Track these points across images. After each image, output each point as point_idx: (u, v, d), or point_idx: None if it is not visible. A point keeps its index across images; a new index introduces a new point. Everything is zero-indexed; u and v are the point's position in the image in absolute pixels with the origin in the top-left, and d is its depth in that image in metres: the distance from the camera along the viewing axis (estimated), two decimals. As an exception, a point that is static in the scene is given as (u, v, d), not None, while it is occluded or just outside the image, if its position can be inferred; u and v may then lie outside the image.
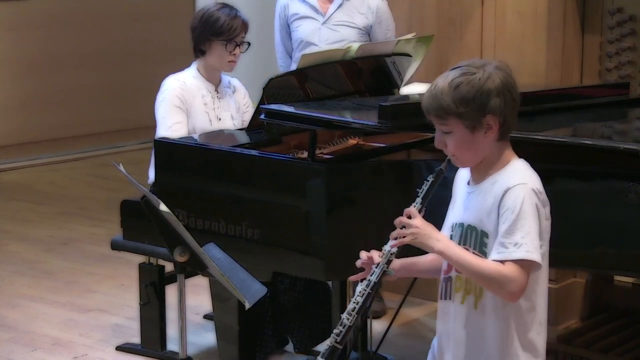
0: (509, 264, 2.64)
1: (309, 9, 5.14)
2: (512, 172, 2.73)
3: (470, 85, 2.65)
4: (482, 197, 2.73)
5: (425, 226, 2.74)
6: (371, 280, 2.81)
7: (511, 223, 2.65)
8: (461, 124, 2.68)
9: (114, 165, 3.54)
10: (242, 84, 4.76)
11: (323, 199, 3.65)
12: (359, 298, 2.80)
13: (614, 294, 4.94)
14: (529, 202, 2.66)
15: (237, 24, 4.48)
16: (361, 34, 5.09)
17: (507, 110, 2.69)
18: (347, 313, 2.80)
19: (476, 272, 2.67)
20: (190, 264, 3.53)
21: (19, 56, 9.21)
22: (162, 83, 4.53)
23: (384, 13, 5.12)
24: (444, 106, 2.67)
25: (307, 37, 5.12)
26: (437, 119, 2.71)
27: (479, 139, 2.70)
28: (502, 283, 2.64)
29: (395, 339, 4.80)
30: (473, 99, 2.65)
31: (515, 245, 2.64)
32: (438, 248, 2.71)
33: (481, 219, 2.73)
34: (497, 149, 2.74)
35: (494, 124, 2.68)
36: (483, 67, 2.69)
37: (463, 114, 2.66)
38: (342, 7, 5.10)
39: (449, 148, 2.73)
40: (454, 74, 2.69)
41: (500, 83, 2.67)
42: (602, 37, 4.90)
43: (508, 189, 2.67)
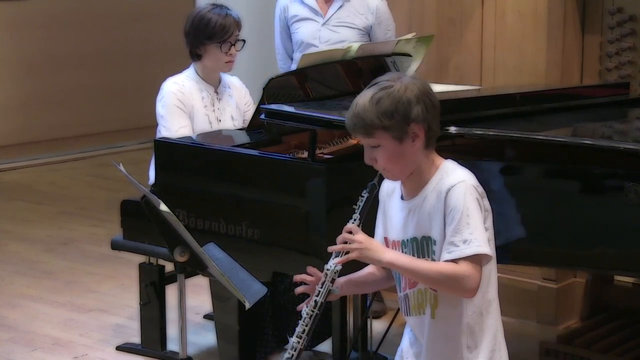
0: (461, 261, 2.67)
1: (309, 11, 5.14)
2: (447, 174, 2.76)
3: (390, 97, 2.71)
4: (426, 205, 2.76)
5: (369, 240, 2.77)
6: (317, 301, 2.85)
7: (457, 221, 2.68)
8: (388, 136, 2.72)
9: (114, 165, 3.54)
10: (242, 83, 4.75)
11: (323, 199, 3.65)
12: (308, 320, 2.85)
13: (614, 294, 4.94)
14: (471, 198, 2.70)
15: (229, 24, 4.45)
16: (361, 34, 5.09)
17: (430, 117, 2.74)
18: (296, 336, 2.85)
19: (429, 276, 2.70)
20: (190, 264, 3.53)
21: (19, 56, 9.21)
22: (161, 87, 4.51)
23: (383, 13, 5.12)
24: (369, 122, 2.71)
25: (307, 38, 5.12)
26: (364, 136, 2.75)
27: (408, 149, 2.73)
28: (458, 281, 2.67)
29: (395, 339, 4.77)
30: (396, 110, 2.70)
31: (465, 243, 2.67)
32: (387, 260, 2.74)
33: (431, 227, 2.75)
34: (426, 157, 2.78)
35: (419, 131, 2.72)
36: (399, 79, 2.75)
37: (388, 126, 2.70)
38: (342, 8, 5.10)
39: (380, 162, 2.77)
40: (373, 90, 2.74)
41: (419, 91, 2.73)
42: (602, 37, 4.90)
43: (449, 189, 2.71)
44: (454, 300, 2.75)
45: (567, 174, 3.52)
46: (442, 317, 2.78)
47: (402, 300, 2.88)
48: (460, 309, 2.77)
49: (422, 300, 2.81)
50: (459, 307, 2.77)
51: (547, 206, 3.50)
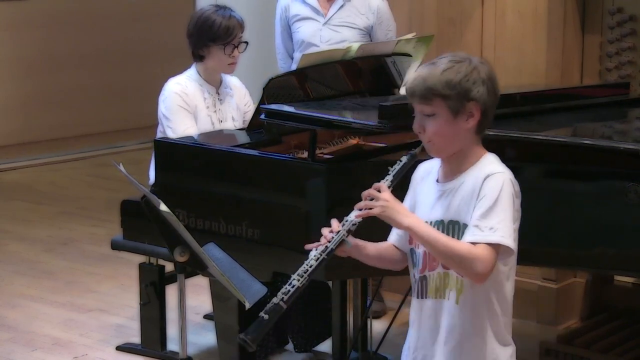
0: (480, 245, 2.66)
1: (310, 10, 5.14)
2: (488, 164, 2.76)
3: (457, 71, 2.71)
4: (462, 191, 2.75)
5: (394, 201, 2.76)
6: (328, 247, 2.82)
7: (488, 208, 2.67)
8: (445, 107, 2.72)
9: (114, 165, 3.54)
10: (242, 83, 4.75)
11: (323, 198, 3.65)
12: (313, 262, 2.80)
13: (614, 294, 4.94)
14: (507, 190, 2.70)
15: (233, 25, 4.44)
16: (362, 34, 5.09)
17: (489, 102, 2.75)
18: (297, 274, 2.80)
19: (445, 249, 2.68)
20: (190, 264, 3.53)
21: (19, 56, 9.21)
22: (163, 88, 4.50)
23: (384, 13, 5.12)
24: (431, 86, 2.71)
25: (308, 38, 5.12)
26: (422, 101, 2.74)
27: (460, 125, 2.73)
28: (471, 262, 2.65)
29: (395, 339, 4.79)
30: (459, 83, 2.70)
31: (490, 229, 2.66)
32: (407, 223, 2.72)
33: (462, 212, 2.74)
34: (473, 143, 2.77)
35: (476, 111, 2.73)
36: (470, 58, 2.76)
37: (448, 95, 2.70)
38: (343, 8, 5.10)
39: (428, 132, 2.76)
40: (442, 61, 2.75)
41: (485, 75, 2.74)
42: (602, 37, 4.90)
43: (488, 176, 2.71)
44: (481, 288, 2.73)
45: (567, 174, 3.52)
46: (467, 304, 2.76)
47: (418, 282, 2.84)
48: (487, 298, 2.75)
49: (443, 284, 2.78)
50: (486, 296, 2.75)
51: (547, 206, 3.50)
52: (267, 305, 2.78)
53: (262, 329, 2.76)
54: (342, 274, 3.85)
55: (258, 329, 2.76)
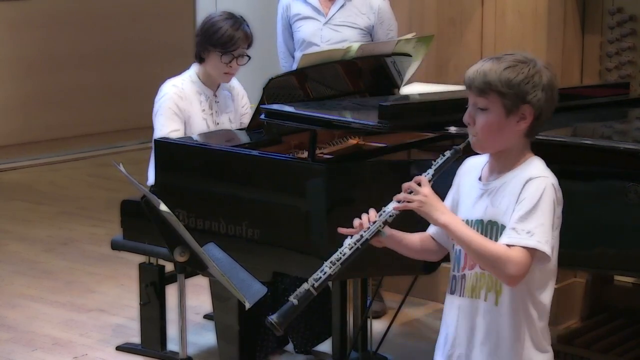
0: (516, 248, 2.64)
1: (311, 10, 5.14)
2: (532, 167, 2.74)
3: (519, 71, 2.70)
4: (502, 191, 2.73)
5: (433, 197, 2.74)
6: (363, 236, 2.79)
7: (527, 211, 2.65)
8: (500, 104, 2.69)
9: (114, 165, 3.54)
10: (240, 84, 4.74)
11: (323, 199, 3.65)
12: (347, 250, 2.78)
13: (614, 294, 4.94)
14: (548, 195, 2.68)
15: (238, 37, 4.41)
16: (363, 34, 5.09)
17: (545, 108, 2.73)
18: (330, 262, 2.78)
19: (480, 249, 2.66)
20: (190, 264, 3.53)
21: (19, 56, 9.21)
22: (160, 88, 4.50)
23: (385, 13, 5.12)
24: (490, 81, 2.69)
25: (309, 37, 5.12)
26: (478, 93, 2.72)
27: (510, 125, 2.71)
28: (504, 264, 2.63)
29: (395, 339, 4.80)
30: (519, 84, 2.68)
31: (528, 233, 2.64)
32: (443, 221, 2.71)
33: (501, 213, 2.72)
34: (521, 145, 2.75)
35: (529, 115, 2.71)
36: (534, 61, 2.73)
37: (505, 93, 2.68)
38: (344, 7, 5.10)
39: (477, 126, 2.73)
40: (506, 58, 2.72)
41: (547, 81, 2.73)
42: (602, 37, 4.90)
43: (530, 179, 2.69)
44: (518, 291, 2.71)
45: (567, 174, 3.51)
46: (504, 306, 2.74)
47: (457, 280, 2.83)
48: (524, 302, 2.73)
49: (479, 284, 2.77)
50: (523, 300, 2.73)
51: (547, 206, 3.50)
52: (297, 290, 2.75)
53: (290, 314, 2.73)
54: (342, 274, 3.84)
55: (286, 314, 2.73)
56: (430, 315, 5.21)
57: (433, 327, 5.08)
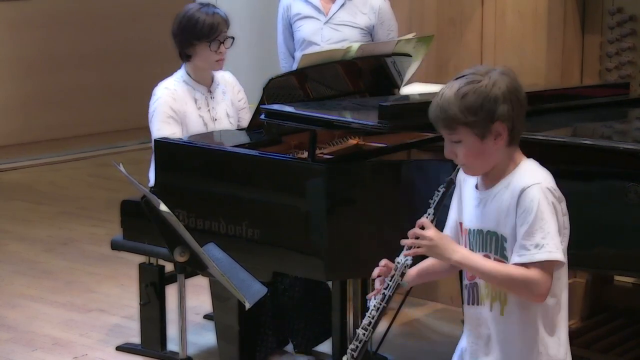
0: (532, 266, 2.62)
1: (312, 9, 5.14)
2: (524, 173, 2.71)
3: (477, 93, 2.64)
4: (497, 200, 2.72)
5: (440, 237, 2.72)
6: (386, 294, 2.80)
7: (530, 224, 2.63)
8: (471, 133, 2.66)
9: (114, 165, 3.54)
10: (240, 84, 4.74)
11: (323, 199, 3.65)
12: (374, 312, 2.80)
13: (614, 294, 4.94)
14: (546, 202, 2.65)
15: (217, 22, 4.43)
16: (363, 34, 5.09)
17: (515, 116, 2.69)
18: (362, 328, 2.80)
19: (499, 278, 2.66)
20: (190, 264, 3.53)
21: (19, 56, 9.21)
22: (153, 92, 4.49)
23: (386, 13, 5.12)
24: (452, 116, 2.65)
25: (310, 37, 5.12)
26: (446, 130, 2.70)
27: (489, 146, 2.68)
28: (527, 286, 2.63)
29: (395, 339, 4.80)
30: (481, 107, 2.64)
31: (536, 247, 2.62)
32: (456, 259, 2.70)
33: (498, 223, 2.71)
34: (507, 154, 2.73)
35: (502, 130, 2.67)
36: (488, 73, 2.67)
37: (472, 122, 2.64)
38: (344, 7, 5.10)
39: (460, 158, 2.71)
40: (460, 82, 2.67)
41: (507, 89, 2.66)
42: (602, 37, 4.90)
43: (523, 190, 2.66)
44: (522, 302, 2.70)
45: (567, 174, 3.52)
46: (511, 316, 2.73)
47: (469, 289, 2.82)
48: (531, 310, 2.71)
49: (487, 292, 2.76)
50: (529, 308, 2.71)
51: (547, 206, 3.50)
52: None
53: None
54: (342, 274, 3.85)
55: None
56: (430, 315, 5.20)
57: (433, 327, 5.08)
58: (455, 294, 5.05)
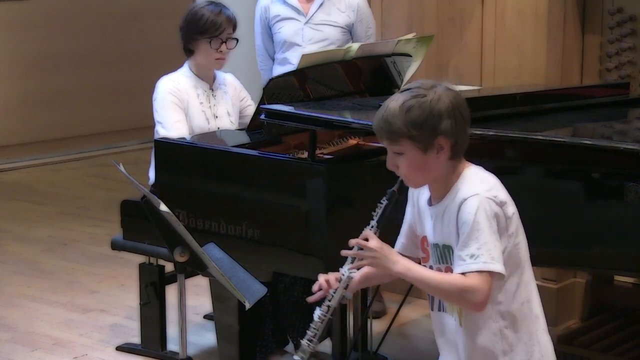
0: (470, 274, 2.64)
1: (291, 10, 5.16)
2: (465, 183, 2.73)
3: (421, 108, 2.67)
4: (447, 214, 2.74)
5: (382, 248, 2.75)
6: (330, 306, 2.84)
7: (466, 235, 2.65)
8: (413, 146, 2.69)
9: (114, 165, 3.54)
10: (240, 84, 4.75)
11: (323, 199, 3.65)
12: (319, 324, 2.84)
13: (614, 294, 4.94)
14: (483, 212, 2.66)
15: (221, 20, 4.45)
16: (343, 32, 5.14)
17: (459, 131, 2.71)
18: (307, 339, 2.85)
19: (437, 287, 2.69)
20: (191, 264, 3.53)
21: (19, 56, 9.21)
22: (156, 84, 4.52)
23: (364, 11, 5.18)
24: (396, 129, 2.68)
25: (290, 37, 5.15)
26: (389, 142, 2.73)
27: (431, 159, 2.71)
28: (464, 294, 2.64)
29: (395, 339, 4.80)
30: (425, 122, 2.67)
31: (471, 257, 2.64)
32: (397, 270, 2.73)
33: (450, 236, 2.73)
34: (450, 167, 2.75)
35: (445, 144, 2.70)
36: (433, 88, 2.70)
37: (415, 136, 2.68)
38: (323, 6, 5.13)
39: (401, 169, 2.75)
40: (405, 96, 2.70)
41: (451, 104, 2.69)
42: (602, 37, 4.90)
43: (462, 202, 2.69)
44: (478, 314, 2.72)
45: (567, 174, 3.52)
46: (469, 324, 2.76)
47: (435, 298, 2.85)
48: (484, 317, 2.73)
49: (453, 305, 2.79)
50: (483, 316, 2.73)
51: (547, 206, 3.50)
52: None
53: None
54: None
55: None
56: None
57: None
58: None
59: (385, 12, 5.37)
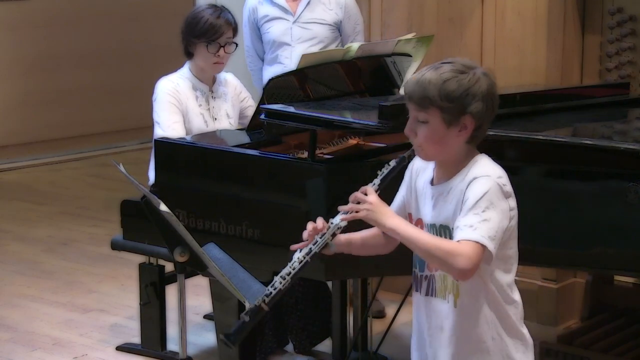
0: (463, 242, 2.64)
1: (279, 10, 5.17)
2: (477, 166, 2.75)
3: (459, 83, 2.69)
4: (451, 195, 2.75)
5: (380, 204, 2.76)
6: (312, 250, 2.83)
7: (469, 208, 2.66)
8: (439, 117, 2.71)
9: (114, 165, 3.54)
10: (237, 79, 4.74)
11: (323, 198, 3.65)
12: (296, 264, 2.83)
13: (614, 294, 4.94)
14: (493, 194, 2.68)
15: (220, 24, 4.44)
16: (332, 30, 5.15)
17: (485, 117, 2.74)
18: (280, 276, 2.82)
19: (427, 248, 2.67)
20: (190, 264, 3.53)
21: (19, 56, 9.21)
22: (156, 85, 4.52)
23: (352, 8, 5.21)
24: (429, 96, 2.69)
25: (279, 37, 5.15)
26: (417, 107, 2.73)
27: (451, 136, 2.72)
28: (453, 258, 2.63)
29: (395, 339, 4.79)
30: (458, 97, 2.69)
31: (470, 227, 2.65)
32: (389, 225, 2.73)
33: (451, 217, 2.74)
34: (464, 150, 2.76)
35: (469, 125, 2.72)
36: (473, 69, 2.73)
37: (445, 108, 2.69)
38: (310, 4, 5.14)
39: (419, 137, 2.75)
40: (445, 68, 2.72)
41: (486, 89, 2.72)
42: (602, 37, 4.90)
43: (473, 180, 2.70)
44: (474, 291, 2.73)
45: (567, 174, 3.52)
46: (464, 307, 2.76)
47: (424, 280, 2.85)
48: (481, 300, 2.75)
49: (444, 286, 2.79)
50: (480, 298, 2.74)
51: (547, 206, 3.50)
52: (248, 306, 2.81)
53: (243, 330, 2.80)
54: (341, 274, 3.85)
55: (239, 330, 2.81)
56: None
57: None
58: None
59: (385, 12, 5.37)
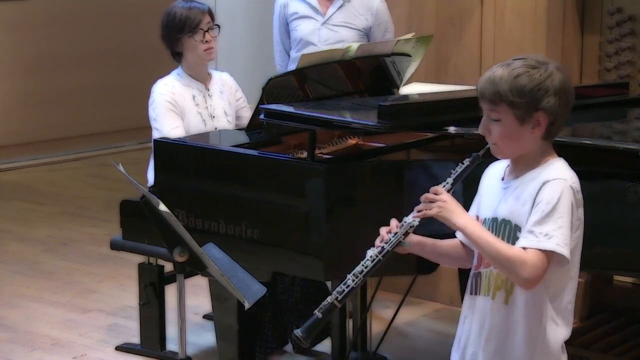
0: (531, 250, 2.62)
1: (309, 9, 5.14)
2: (552, 168, 2.72)
3: (530, 78, 2.67)
4: (519, 190, 2.72)
5: (452, 201, 2.73)
6: (384, 248, 2.79)
7: (545, 214, 2.63)
8: (512, 114, 2.68)
9: (114, 165, 3.54)
10: (239, 85, 4.75)
11: (322, 199, 3.65)
12: (369, 262, 2.79)
13: (614, 294, 4.94)
14: (566, 198, 2.66)
15: (194, 14, 4.47)
16: (360, 35, 5.10)
17: (559, 112, 2.70)
18: (353, 274, 2.79)
19: (495, 252, 2.65)
20: (190, 264, 3.53)
21: (19, 56, 9.21)
22: (152, 90, 4.53)
23: (383, 15, 5.12)
24: (500, 92, 2.67)
25: (306, 36, 5.12)
26: (489, 105, 2.71)
27: (525, 132, 2.70)
28: (519, 266, 2.61)
29: (395, 339, 4.80)
30: (530, 92, 2.66)
31: (545, 236, 2.62)
32: (460, 223, 2.70)
33: (515, 212, 2.71)
34: (539, 147, 2.74)
35: (543, 121, 2.69)
36: (545, 64, 2.70)
37: (517, 104, 2.67)
38: (342, 8, 5.10)
39: (493, 136, 2.73)
40: (516, 64, 2.70)
41: (559, 84, 2.69)
42: (601, 37, 4.91)
43: (547, 182, 2.67)
44: (534, 292, 2.69)
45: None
46: (516, 304, 2.73)
47: (472, 278, 2.83)
48: (536, 300, 2.71)
49: (495, 283, 2.76)
50: (534, 298, 2.71)
51: (546, 206, 3.49)
52: (322, 303, 2.77)
53: (315, 327, 2.77)
54: (341, 274, 3.84)
55: (311, 328, 2.77)
56: (430, 315, 5.21)
57: (433, 327, 5.08)
58: (454, 294, 5.05)
59: (385, 12, 5.36)
